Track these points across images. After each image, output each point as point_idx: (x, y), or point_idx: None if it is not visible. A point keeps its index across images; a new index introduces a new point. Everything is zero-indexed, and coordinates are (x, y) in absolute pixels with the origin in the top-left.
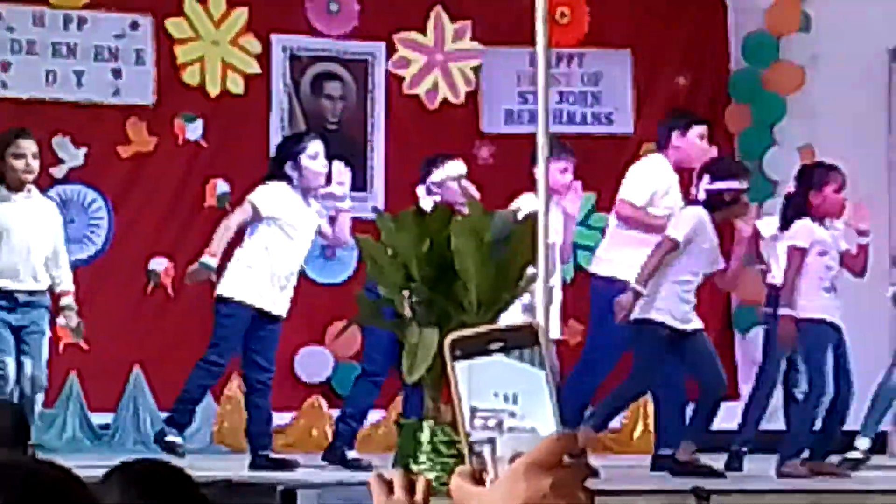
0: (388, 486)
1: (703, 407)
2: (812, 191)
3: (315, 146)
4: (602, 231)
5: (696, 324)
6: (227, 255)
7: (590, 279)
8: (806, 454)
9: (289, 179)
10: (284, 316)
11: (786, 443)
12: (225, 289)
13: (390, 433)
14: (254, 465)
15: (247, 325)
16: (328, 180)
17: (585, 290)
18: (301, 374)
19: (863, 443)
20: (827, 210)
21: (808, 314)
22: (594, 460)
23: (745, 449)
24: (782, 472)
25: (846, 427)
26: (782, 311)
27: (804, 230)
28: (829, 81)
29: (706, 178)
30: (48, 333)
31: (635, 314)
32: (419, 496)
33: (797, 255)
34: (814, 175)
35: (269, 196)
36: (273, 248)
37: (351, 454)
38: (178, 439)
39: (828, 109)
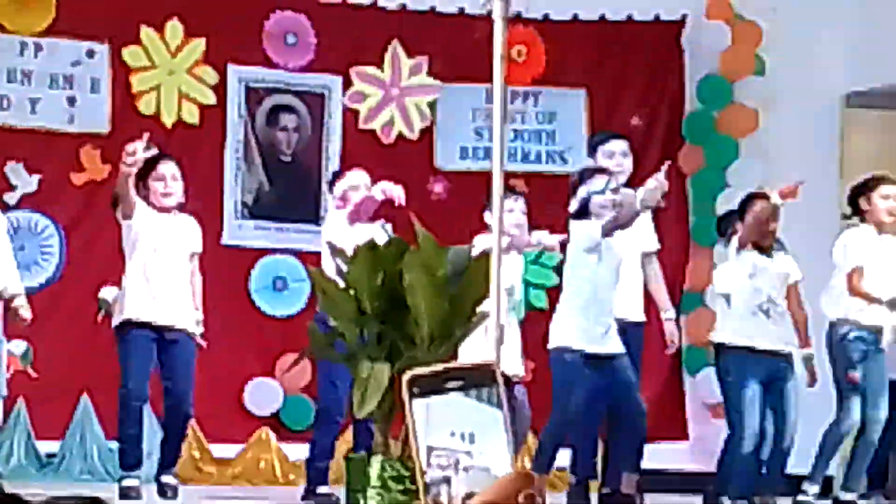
0: None
1: (631, 436)
2: (741, 222)
3: (164, 168)
4: (554, 269)
5: (616, 348)
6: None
7: (548, 316)
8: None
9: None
10: (190, 329)
11: (717, 482)
12: (126, 314)
13: (338, 467)
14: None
15: (154, 347)
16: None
17: (537, 329)
18: (250, 406)
19: (811, 488)
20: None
21: (729, 340)
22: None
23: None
24: None
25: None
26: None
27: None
28: (782, 125)
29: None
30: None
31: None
32: None
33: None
34: (745, 205)
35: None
36: (150, 265)
37: (322, 489)
38: (134, 482)
39: (781, 152)
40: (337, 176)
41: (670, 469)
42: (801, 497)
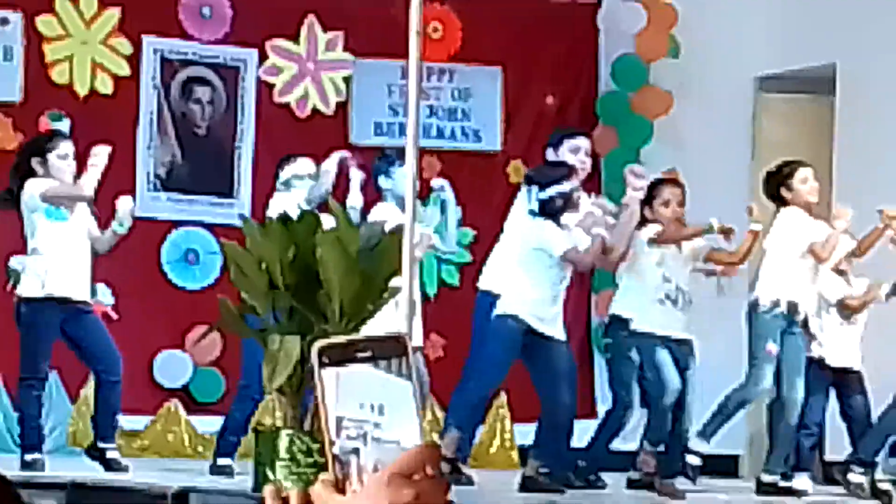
0: (284, 503)
1: (547, 425)
2: (648, 207)
3: (65, 147)
4: (468, 247)
5: (558, 334)
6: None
7: (460, 292)
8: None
9: (33, 173)
10: (91, 300)
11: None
12: (22, 291)
13: (247, 441)
14: (88, 454)
15: (58, 323)
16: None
17: (448, 305)
18: (160, 378)
19: (701, 444)
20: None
21: (636, 325)
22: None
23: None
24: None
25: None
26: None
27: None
28: (696, 107)
29: (534, 188)
30: None
31: (497, 310)
32: None
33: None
34: (652, 191)
35: (36, 189)
36: (56, 238)
37: (222, 462)
38: (39, 457)
39: (694, 134)
40: (286, 161)
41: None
42: (692, 457)
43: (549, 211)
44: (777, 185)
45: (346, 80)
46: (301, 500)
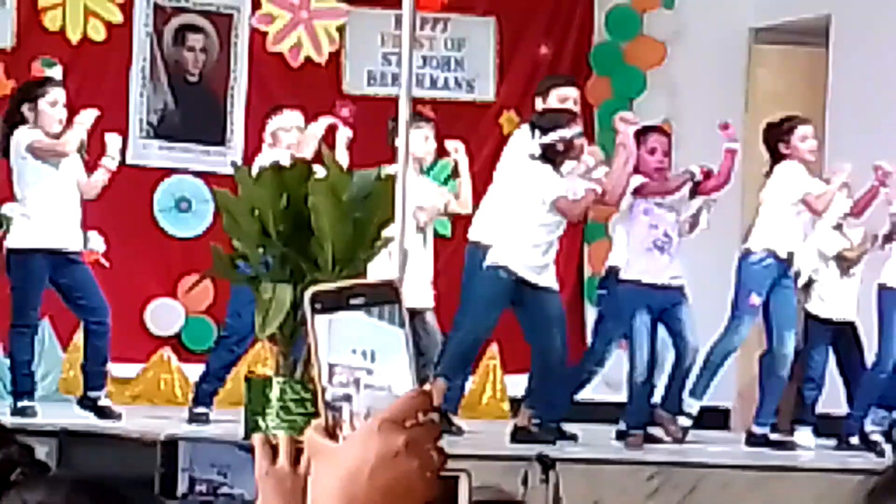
0: (273, 451)
1: (539, 373)
2: (639, 152)
3: (56, 94)
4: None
5: (550, 282)
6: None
7: (453, 243)
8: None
9: (24, 121)
10: (82, 249)
11: (625, 412)
12: (11, 241)
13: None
14: (80, 405)
15: (47, 272)
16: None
17: (441, 257)
18: (151, 326)
19: (693, 403)
20: (646, 173)
21: (624, 275)
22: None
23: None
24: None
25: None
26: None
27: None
28: (689, 58)
29: (537, 133)
30: None
31: (488, 261)
32: (303, 467)
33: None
34: (638, 138)
35: (24, 139)
36: (45, 187)
37: (198, 410)
38: (31, 403)
39: (688, 85)
40: (272, 112)
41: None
42: (680, 419)
43: (550, 156)
44: (776, 139)
45: (340, 28)
46: (290, 447)
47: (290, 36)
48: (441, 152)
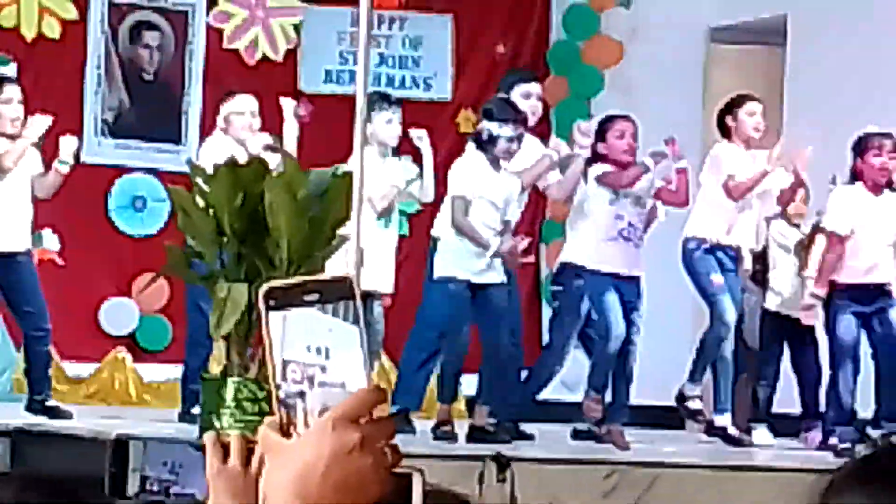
0: (224, 450)
1: (490, 370)
2: (602, 142)
3: (10, 92)
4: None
5: (495, 278)
6: None
7: (409, 240)
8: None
9: None
10: (28, 249)
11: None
12: None
13: None
14: (29, 409)
15: None
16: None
17: (398, 255)
18: (106, 325)
19: (693, 389)
20: (615, 158)
21: (589, 264)
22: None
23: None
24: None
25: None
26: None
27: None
28: (647, 57)
29: (483, 121)
30: None
31: (435, 272)
32: (255, 466)
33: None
34: (605, 125)
35: None
36: None
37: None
38: None
39: (645, 85)
40: (226, 96)
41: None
42: (690, 403)
43: (487, 145)
44: (725, 113)
45: (296, 26)
46: (241, 446)
47: (247, 34)
48: (404, 144)
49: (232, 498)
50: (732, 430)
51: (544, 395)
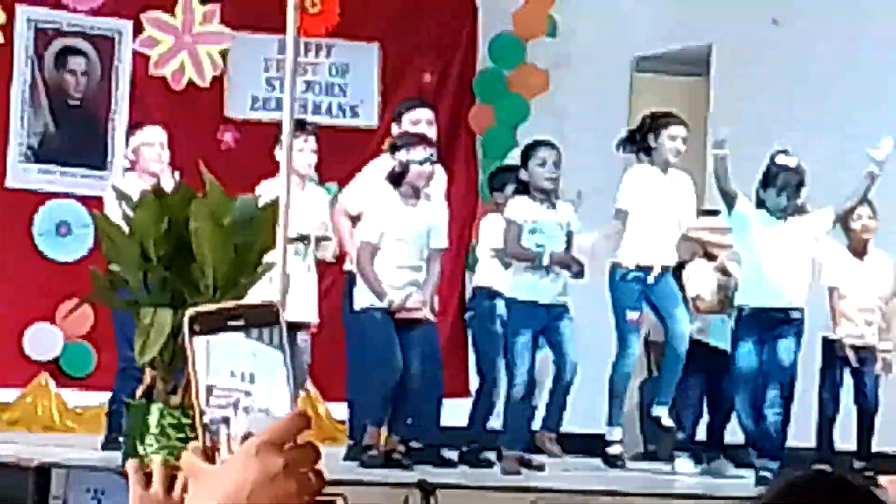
0: (147, 478)
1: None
2: (524, 169)
3: None
4: None
5: (421, 313)
6: None
7: (328, 269)
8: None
9: None
10: None
11: (502, 438)
12: None
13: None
14: None
15: None
16: None
17: (324, 282)
18: (29, 351)
19: (614, 432)
20: (537, 185)
21: (511, 293)
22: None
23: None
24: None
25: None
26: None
27: (519, 206)
28: (573, 85)
29: (390, 155)
30: None
31: (355, 304)
32: (177, 492)
33: (512, 229)
34: (527, 152)
35: None
36: None
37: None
38: None
39: (571, 113)
40: (134, 128)
41: (455, 426)
42: (609, 449)
43: (397, 179)
44: (647, 132)
45: (223, 53)
46: (163, 472)
47: (174, 60)
48: (325, 173)
49: None
50: (667, 422)
51: (464, 420)
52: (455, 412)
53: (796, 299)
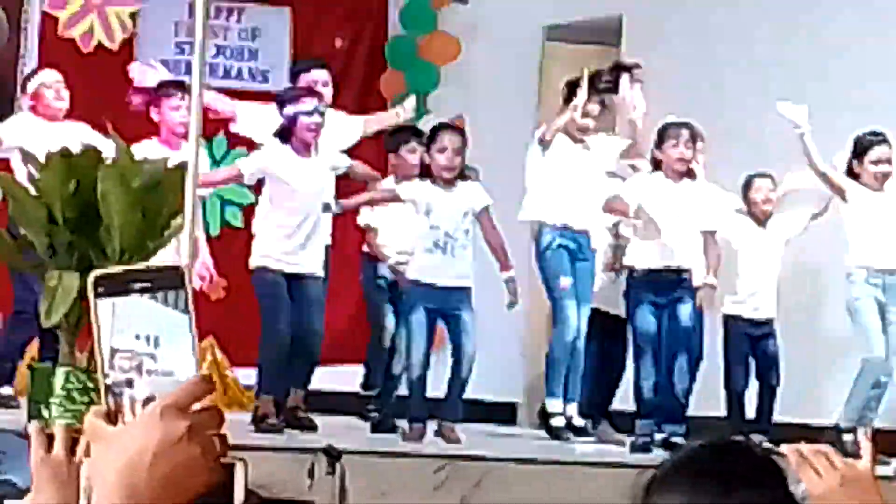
0: (49, 440)
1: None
2: (427, 152)
3: None
4: (252, 188)
5: (308, 268)
6: None
7: (244, 233)
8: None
9: None
10: None
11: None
12: None
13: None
14: None
15: None
16: None
17: (233, 246)
18: None
19: (555, 403)
20: (437, 172)
21: (410, 275)
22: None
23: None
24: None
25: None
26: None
27: (412, 188)
28: (484, 53)
29: (279, 109)
30: None
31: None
32: (80, 455)
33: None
34: (434, 135)
35: None
36: None
37: (5, 390)
38: None
39: (482, 81)
40: (29, 76)
41: (347, 391)
42: (552, 420)
43: (286, 135)
44: (570, 90)
45: (133, 15)
46: (65, 436)
47: (83, 21)
48: (213, 130)
49: (55, 488)
50: (578, 421)
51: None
52: (350, 378)
53: (686, 261)
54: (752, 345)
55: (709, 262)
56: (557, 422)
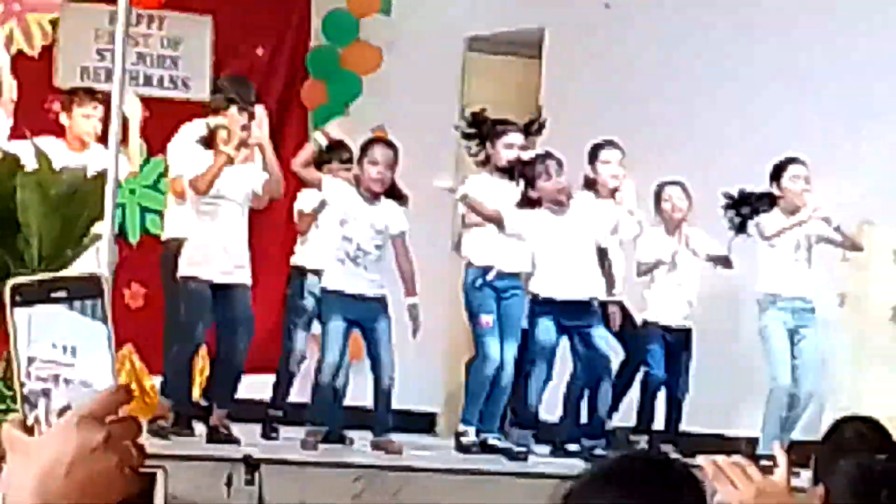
0: None
1: (224, 373)
2: (359, 165)
3: None
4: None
5: (238, 279)
6: None
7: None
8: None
9: None
10: None
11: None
12: None
13: None
14: None
15: None
16: None
17: (152, 255)
18: None
19: (468, 429)
20: (365, 184)
21: (325, 284)
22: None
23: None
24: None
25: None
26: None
27: (335, 186)
28: (406, 64)
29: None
30: None
31: (180, 272)
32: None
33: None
34: (366, 148)
35: None
36: None
37: None
38: None
39: (404, 91)
40: None
41: (266, 399)
42: (462, 438)
43: (208, 140)
44: (486, 136)
45: (53, 22)
46: None
47: (2, 28)
48: (154, 146)
49: None
50: (493, 441)
51: (293, 398)
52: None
53: (589, 291)
54: (666, 354)
55: (608, 280)
56: (468, 440)
